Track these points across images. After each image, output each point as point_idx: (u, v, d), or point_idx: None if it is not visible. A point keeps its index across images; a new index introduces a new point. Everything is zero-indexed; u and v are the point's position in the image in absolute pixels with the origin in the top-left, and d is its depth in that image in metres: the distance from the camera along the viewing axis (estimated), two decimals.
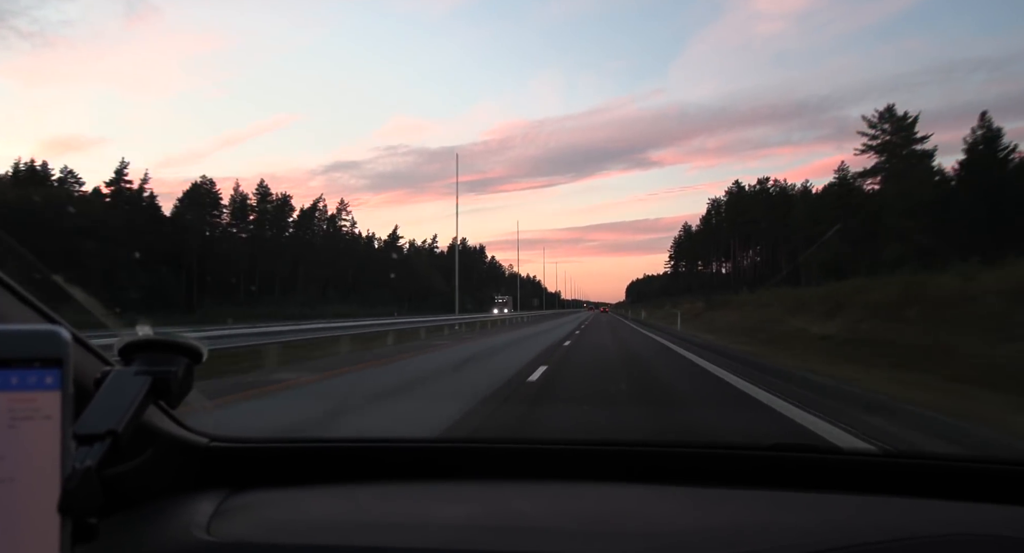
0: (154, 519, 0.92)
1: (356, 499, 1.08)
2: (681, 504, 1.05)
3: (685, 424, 5.87)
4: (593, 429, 5.30)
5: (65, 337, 0.47)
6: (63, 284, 1.23)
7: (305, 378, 9.25)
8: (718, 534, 0.88)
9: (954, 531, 0.89)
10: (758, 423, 5.73)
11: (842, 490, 1.05)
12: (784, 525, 0.94)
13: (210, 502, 0.99)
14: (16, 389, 0.45)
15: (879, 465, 1.13)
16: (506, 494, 1.09)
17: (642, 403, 7.10)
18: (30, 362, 0.46)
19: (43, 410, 0.46)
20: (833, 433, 4.99)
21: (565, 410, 6.57)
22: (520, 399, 6.95)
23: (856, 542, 0.84)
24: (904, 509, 0.98)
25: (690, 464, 1.16)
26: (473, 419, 5.65)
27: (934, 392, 7.11)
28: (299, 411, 6.70)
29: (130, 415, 0.59)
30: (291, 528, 0.93)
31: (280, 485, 1.11)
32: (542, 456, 1.21)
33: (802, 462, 1.14)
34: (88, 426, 0.56)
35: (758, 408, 6.49)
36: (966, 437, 4.97)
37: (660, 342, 18.50)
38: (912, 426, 5.45)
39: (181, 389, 0.68)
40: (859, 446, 4.40)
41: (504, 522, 0.95)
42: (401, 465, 1.20)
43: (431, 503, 1.05)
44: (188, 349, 0.69)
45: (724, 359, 12.09)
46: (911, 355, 10.18)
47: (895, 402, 6.47)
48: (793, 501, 1.04)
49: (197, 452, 1.06)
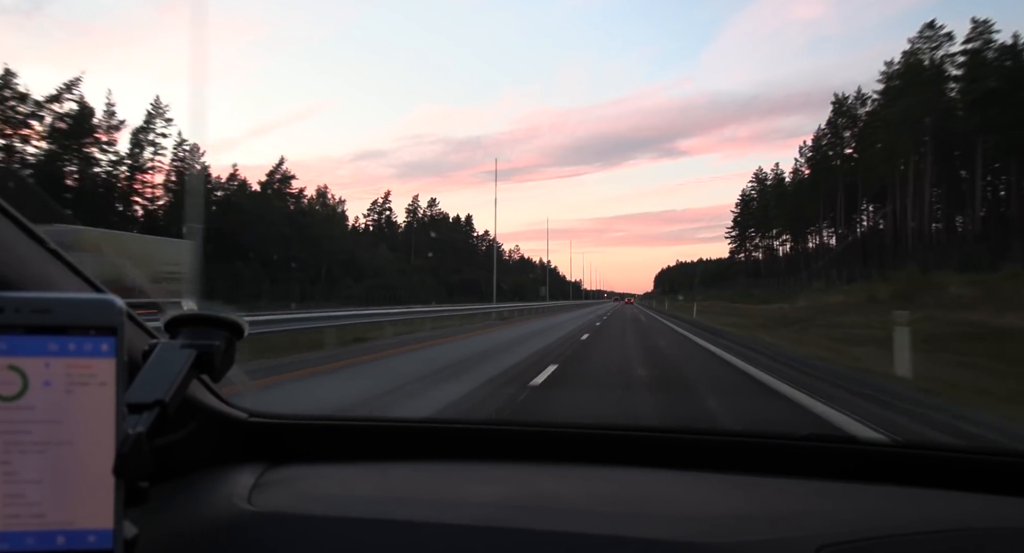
0: (198, 489, 0.96)
1: (391, 476, 1.10)
2: (715, 490, 1.04)
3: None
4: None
5: (120, 306, 0.48)
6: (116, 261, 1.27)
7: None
8: (750, 520, 0.88)
9: (985, 525, 0.88)
10: None
11: (878, 481, 1.03)
12: (816, 512, 0.93)
13: (250, 475, 1.02)
14: (73, 355, 0.47)
15: (914, 458, 1.11)
16: (539, 476, 1.10)
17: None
18: (86, 330, 0.47)
19: (99, 377, 0.47)
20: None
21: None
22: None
23: (889, 533, 0.83)
24: (939, 501, 0.97)
25: (724, 452, 1.15)
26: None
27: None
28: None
29: (176, 386, 0.62)
30: (328, 501, 0.95)
31: (316, 461, 1.14)
32: (576, 440, 1.21)
33: (840, 453, 1.12)
34: (138, 395, 0.58)
35: None
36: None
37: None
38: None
39: (224, 363, 0.70)
40: (897, 439, 4.28)
41: (537, 502, 0.96)
42: (435, 445, 1.21)
43: (465, 482, 1.07)
44: (230, 324, 0.71)
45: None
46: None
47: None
48: (833, 490, 1.03)
49: (237, 427, 1.10)
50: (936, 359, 9.45)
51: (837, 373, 8.83)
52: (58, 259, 0.80)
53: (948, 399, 6.49)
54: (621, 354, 11.94)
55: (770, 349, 12.85)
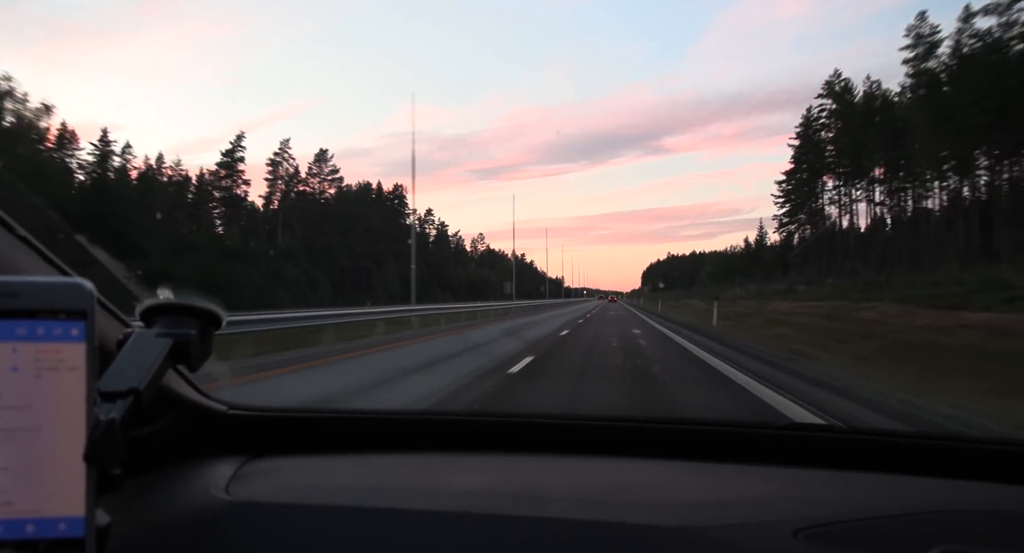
0: (175, 480, 0.95)
1: (372, 466, 1.09)
2: (696, 478, 1.06)
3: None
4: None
5: (89, 289, 0.47)
6: (86, 245, 1.24)
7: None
8: (731, 505, 0.90)
9: (970, 507, 0.91)
10: None
11: (855, 468, 1.06)
12: (795, 498, 0.96)
13: (229, 466, 1.01)
14: (42, 340, 0.46)
15: (895, 445, 1.15)
16: (522, 465, 1.10)
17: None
18: (56, 314, 0.46)
19: (68, 361, 0.46)
20: None
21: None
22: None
23: (865, 515, 0.86)
24: (913, 486, 1.01)
25: (705, 441, 1.17)
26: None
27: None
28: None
29: (151, 375, 0.60)
30: (308, 490, 0.95)
31: (297, 453, 1.13)
32: (558, 430, 1.21)
33: (818, 441, 1.15)
34: (111, 384, 0.57)
35: None
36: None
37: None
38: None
39: (200, 353, 0.68)
40: (878, 426, 4.38)
41: (519, 490, 0.96)
42: (418, 436, 1.21)
43: (447, 471, 1.07)
44: (207, 313, 0.69)
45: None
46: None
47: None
48: (806, 477, 1.06)
49: (216, 419, 1.09)
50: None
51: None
52: (28, 245, 0.79)
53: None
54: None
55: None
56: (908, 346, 12.28)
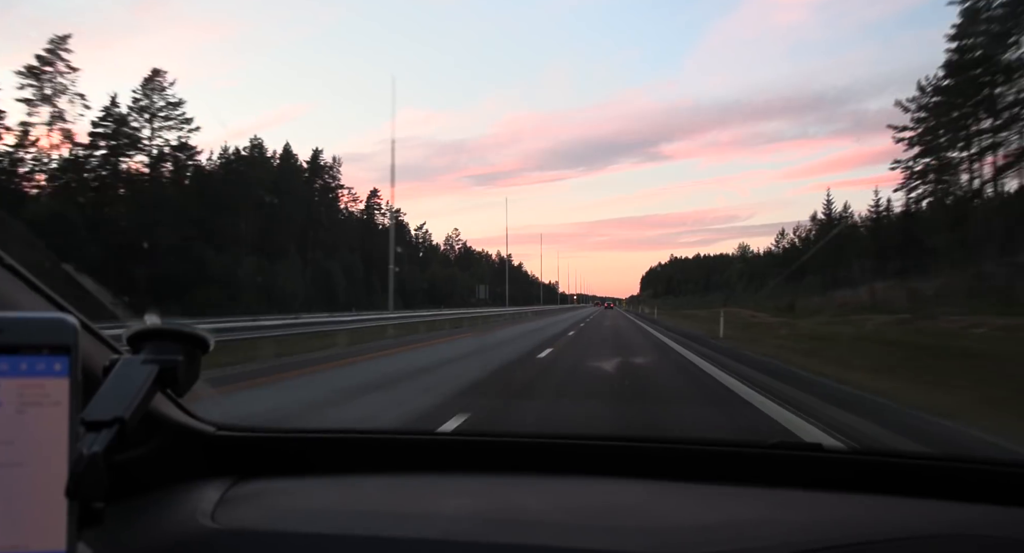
0: (160, 506, 0.94)
1: (360, 489, 1.09)
2: (681, 500, 1.05)
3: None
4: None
5: (73, 324, 0.48)
6: (73, 273, 1.24)
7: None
8: (716, 530, 0.89)
9: (951, 532, 0.89)
10: None
11: (846, 489, 1.05)
12: (783, 522, 0.94)
13: (216, 490, 1.00)
14: (25, 375, 0.46)
15: (881, 465, 1.13)
16: (509, 488, 1.10)
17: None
18: (39, 349, 0.46)
19: (52, 396, 0.46)
20: None
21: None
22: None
23: (856, 540, 0.84)
24: (906, 509, 0.99)
25: (690, 461, 1.16)
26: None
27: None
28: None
29: (137, 403, 0.60)
30: (295, 516, 0.94)
31: (286, 474, 1.12)
32: (544, 450, 1.21)
33: (805, 461, 1.13)
34: (96, 413, 0.56)
35: None
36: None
37: None
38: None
39: (188, 378, 0.68)
40: (863, 446, 4.37)
41: (506, 515, 0.96)
42: (406, 457, 1.21)
43: (435, 495, 1.06)
44: (195, 338, 0.69)
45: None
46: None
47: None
48: (794, 499, 1.04)
49: (203, 440, 1.08)
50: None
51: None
52: (15, 275, 0.79)
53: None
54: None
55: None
56: None
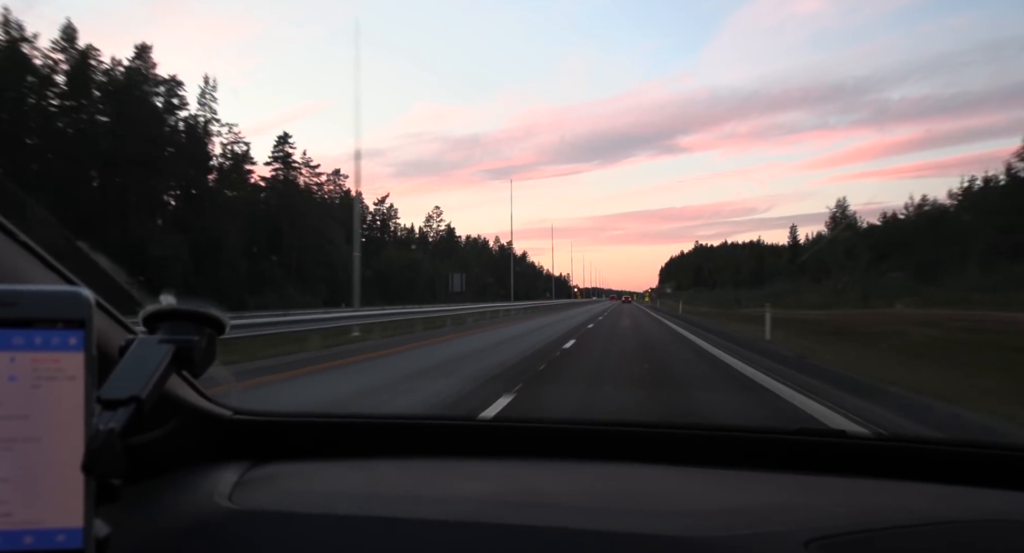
0: (178, 487, 0.94)
1: (376, 473, 1.08)
2: (703, 485, 1.04)
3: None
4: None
5: (87, 297, 0.47)
6: (88, 251, 1.22)
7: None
8: (741, 514, 0.88)
9: (987, 518, 0.88)
10: None
11: (873, 475, 1.03)
12: (812, 506, 0.93)
13: (233, 472, 1.00)
14: (40, 349, 0.46)
15: (909, 451, 1.12)
16: (527, 472, 1.09)
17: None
18: (53, 322, 0.46)
19: (67, 371, 0.46)
20: None
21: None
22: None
23: (888, 525, 0.83)
24: (938, 495, 0.97)
25: (712, 446, 1.15)
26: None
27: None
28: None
29: (153, 382, 0.59)
30: (311, 498, 0.93)
31: (302, 458, 1.12)
32: (562, 435, 1.20)
33: (829, 447, 1.12)
34: (112, 391, 0.56)
35: None
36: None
37: None
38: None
39: (204, 359, 0.67)
40: (890, 433, 4.36)
41: (523, 498, 0.95)
42: (423, 441, 1.20)
43: (451, 478, 1.06)
44: (212, 319, 0.68)
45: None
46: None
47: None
48: (821, 484, 1.03)
49: (220, 424, 1.08)
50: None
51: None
52: (29, 252, 0.78)
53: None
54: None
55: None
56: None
